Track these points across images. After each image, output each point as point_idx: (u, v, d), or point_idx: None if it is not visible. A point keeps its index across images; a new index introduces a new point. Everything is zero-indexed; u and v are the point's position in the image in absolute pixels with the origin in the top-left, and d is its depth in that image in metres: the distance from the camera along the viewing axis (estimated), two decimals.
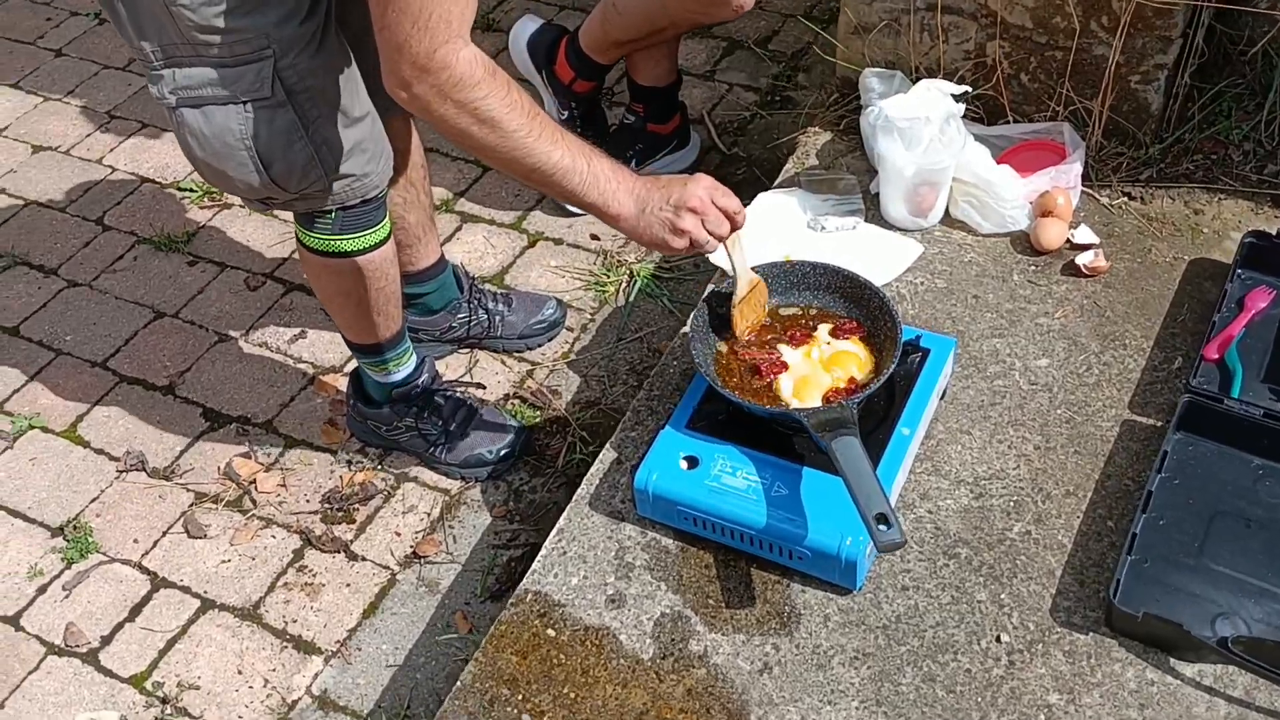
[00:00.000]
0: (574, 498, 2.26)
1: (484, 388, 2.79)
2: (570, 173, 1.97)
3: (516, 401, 2.86)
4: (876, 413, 2.21)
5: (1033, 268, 2.60)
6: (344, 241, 2.31)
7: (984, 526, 2.14)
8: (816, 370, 2.23)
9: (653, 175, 2.08)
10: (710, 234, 2.08)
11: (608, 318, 3.04)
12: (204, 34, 1.93)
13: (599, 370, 2.91)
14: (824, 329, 2.30)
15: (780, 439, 2.17)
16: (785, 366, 2.22)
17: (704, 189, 2.06)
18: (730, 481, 2.09)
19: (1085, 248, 2.60)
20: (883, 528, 1.84)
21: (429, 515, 2.63)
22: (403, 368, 2.59)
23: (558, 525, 2.23)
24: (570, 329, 3.02)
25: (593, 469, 2.31)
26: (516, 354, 2.97)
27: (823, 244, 2.67)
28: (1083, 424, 2.29)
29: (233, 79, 1.99)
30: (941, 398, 2.31)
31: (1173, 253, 2.60)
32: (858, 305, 2.30)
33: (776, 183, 2.89)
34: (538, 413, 2.83)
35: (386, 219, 2.36)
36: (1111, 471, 2.20)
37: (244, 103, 2.01)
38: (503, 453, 2.66)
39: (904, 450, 2.15)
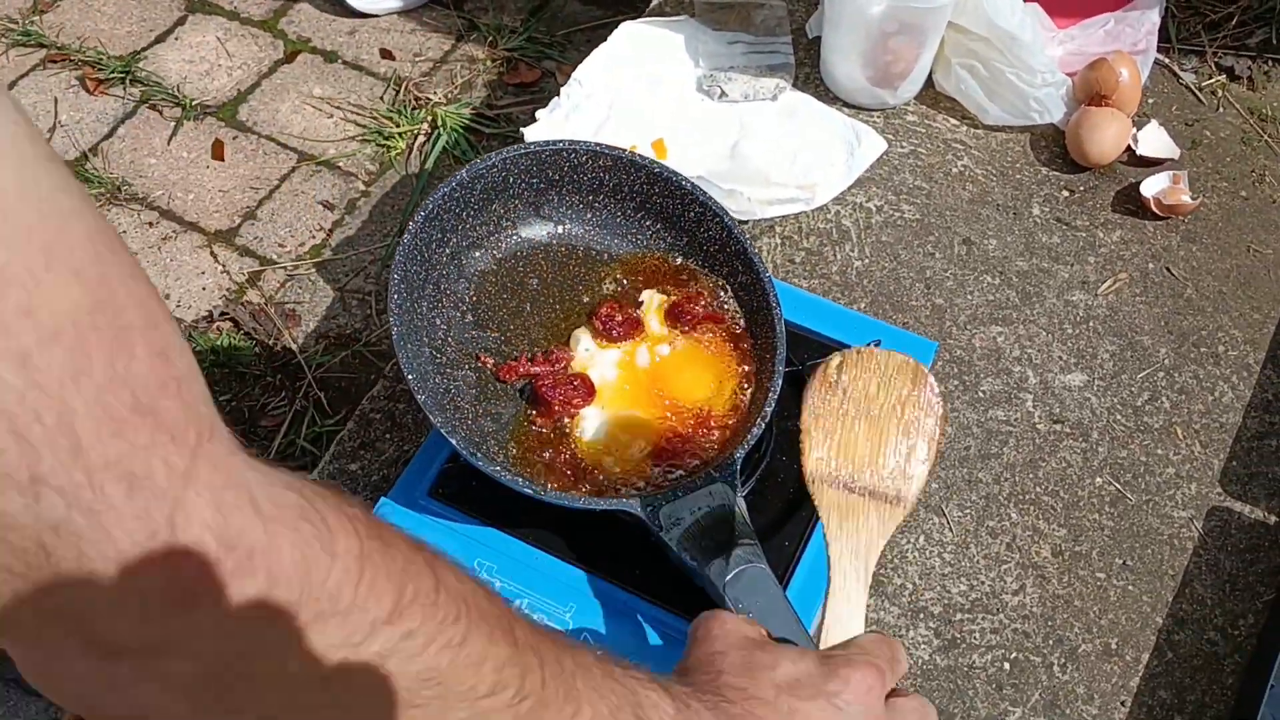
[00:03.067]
0: None
1: None
2: None
3: (227, 325, 1.79)
4: (769, 482, 1.22)
5: (1066, 194, 1.56)
6: None
7: (956, 711, 1.17)
8: (643, 394, 1.20)
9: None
10: None
11: (390, 191, 1.98)
12: None
13: (366, 280, 1.86)
14: (653, 300, 1.29)
15: (600, 524, 1.16)
16: (591, 394, 1.19)
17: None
18: None
19: (1156, 164, 1.57)
20: None
21: None
22: None
23: None
24: (329, 205, 1.94)
25: None
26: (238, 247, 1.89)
27: (717, 121, 1.61)
28: (1138, 509, 1.31)
29: None
30: None
31: None
32: (720, 258, 1.29)
33: (652, 5, 1.78)
34: (255, 347, 1.77)
35: None
36: (1187, 612, 1.24)
37: None
38: None
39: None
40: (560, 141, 1.25)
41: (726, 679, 0.83)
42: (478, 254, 1.25)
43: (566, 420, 1.19)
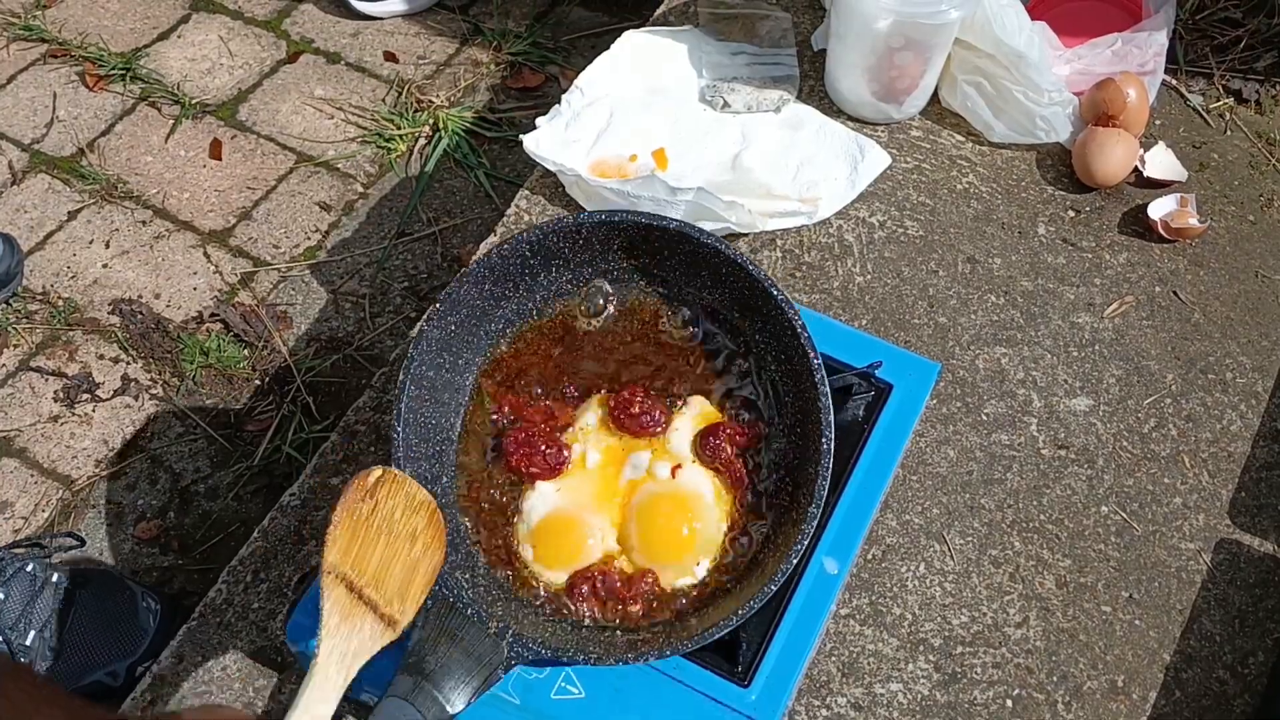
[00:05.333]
0: (201, 605, 1.14)
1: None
2: None
3: (217, 327, 1.68)
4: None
5: (1072, 214, 1.46)
6: None
7: None
8: (613, 503, 1.06)
9: None
10: None
11: (389, 193, 1.87)
12: None
13: (359, 283, 1.75)
14: (696, 407, 1.09)
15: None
16: (555, 471, 1.06)
17: None
18: None
19: (1163, 186, 1.46)
20: None
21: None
22: None
23: (151, 673, 1.11)
24: (326, 206, 1.83)
25: (243, 552, 1.18)
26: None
27: (719, 132, 1.51)
28: (1145, 540, 1.21)
29: None
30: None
31: None
32: (796, 416, 1.09)
33: (656, 14, 1.68)
34: (245, 352, 1.66)
35: None
36: (1195, 650, 1.13)
37: None
38: (142, 668, 1.33)
39: (828, 599, 1.06)
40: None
41: None
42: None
43: (524, 485, 1.06)
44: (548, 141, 1.48)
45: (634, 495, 1.04)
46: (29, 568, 1.33)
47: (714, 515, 1.04)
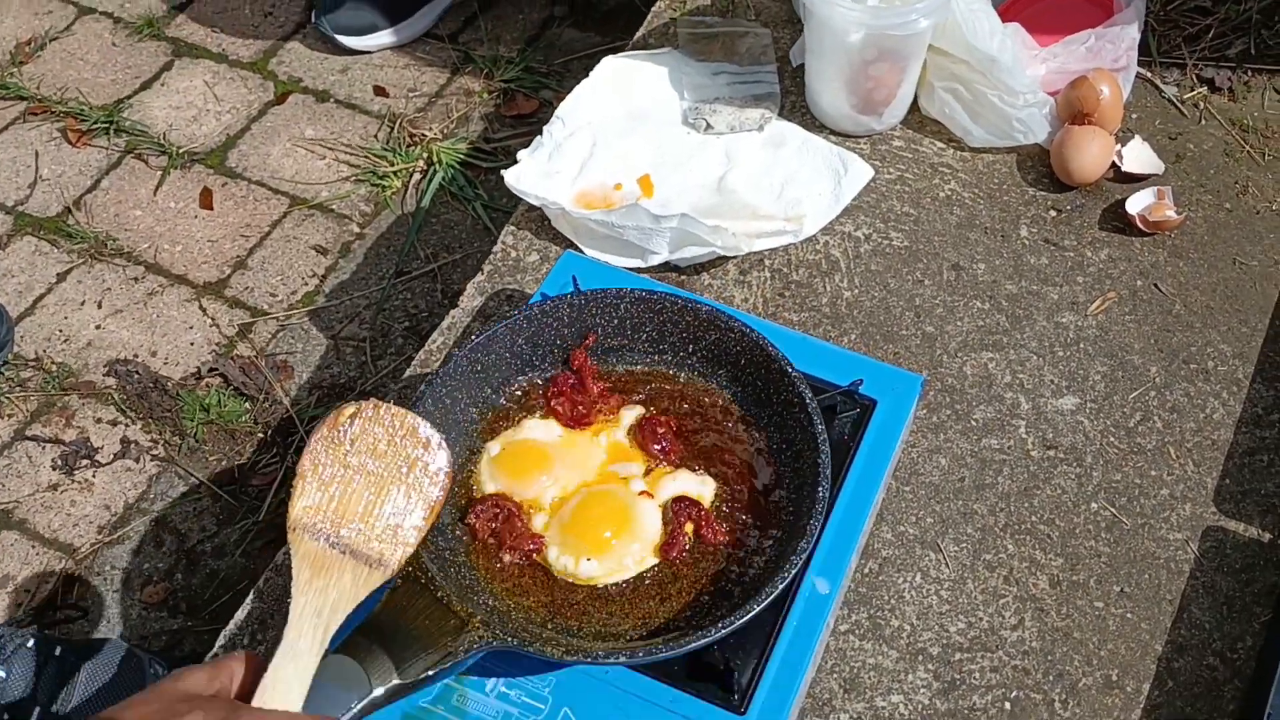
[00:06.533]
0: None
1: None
2: None
3: (216, 382, 1.81)
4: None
5: (1053, 214, 1.58)
6: None
7: None
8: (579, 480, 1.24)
9: None
10: None
11: (385, 232, 1.99)
12: None
13: (360, 326, 1.87)
14: (678, 486, 1.23)
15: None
16: (573, 419, 1.27)
17: None
18: (480, 707, 1.12)
19: (1140, 180, 1.58)
20: None
21: None
22: None
23: None
24: (322, 250, 1.95)
25: (239, 615, 1.31)
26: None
27: (703, 154, 1.63)
28: (1134, 533, 1.33)
29: None
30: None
31: None
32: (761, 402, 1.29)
33: (636, 38, 1.80)
34: (247, 405, 1.78)
35: None
36: (1186, 639, 1.25)
37: None
38: None
39: (821, 619, 1.17)
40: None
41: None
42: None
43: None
44: (530, 175, 1.60)
45: (599, 483, 1.22)
46: (30, 644, 1.40)
47: (637, 549, 1.18)
